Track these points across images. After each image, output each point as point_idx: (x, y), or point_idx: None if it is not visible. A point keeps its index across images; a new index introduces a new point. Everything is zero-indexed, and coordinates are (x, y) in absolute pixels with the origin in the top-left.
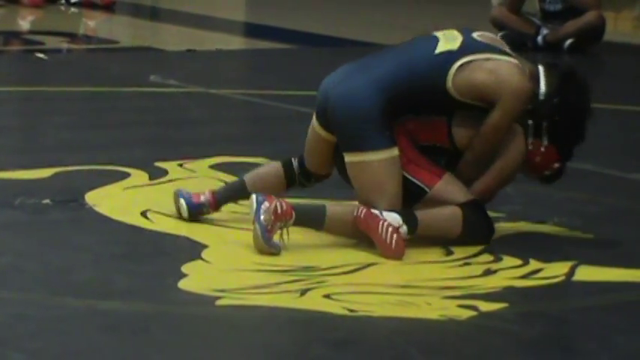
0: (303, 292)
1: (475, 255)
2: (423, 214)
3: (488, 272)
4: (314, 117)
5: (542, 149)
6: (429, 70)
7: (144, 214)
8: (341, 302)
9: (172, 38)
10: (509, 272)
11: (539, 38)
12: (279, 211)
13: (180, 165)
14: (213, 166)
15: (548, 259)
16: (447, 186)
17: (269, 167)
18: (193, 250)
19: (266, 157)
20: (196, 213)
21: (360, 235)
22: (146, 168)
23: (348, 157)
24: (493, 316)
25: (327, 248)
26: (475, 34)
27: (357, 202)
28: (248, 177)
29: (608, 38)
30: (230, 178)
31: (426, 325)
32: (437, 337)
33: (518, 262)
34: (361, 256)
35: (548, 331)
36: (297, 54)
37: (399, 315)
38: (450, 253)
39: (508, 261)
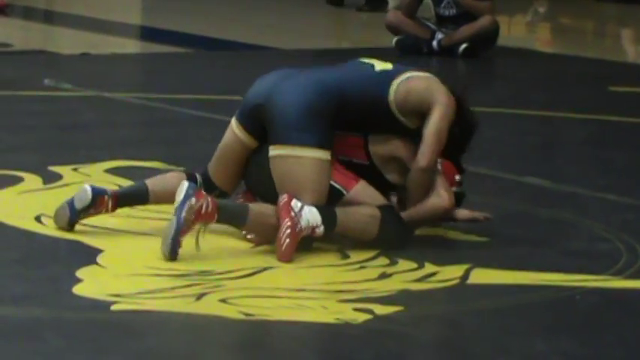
0: (199, 297)
1: (371, 259)
2: (342, 214)
3: (383, 275)
4: (233, 122)
5: (439, 167)
6: (372, 84)
7: (38, 218)
8: (237, 306)
9: (66, 41)
10: (405, 275)
11: (435, 43)
12: (202, 211)
13: (75, 169)
14: (108, 170)
15: (442, 262)
16: (365, 189)
17: (172, 174)
18: (88, 254)
19: (161, 161)
20: (97, 197)
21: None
22: (40, 172)
23: (277, 150)
24: (389, 319)
25: (222, 252)
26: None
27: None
28: (150, 181)
29: (502, 43)
30: (126, 182)
31: (322, 329)
32: (333, 341)
33: (414, 265)
34: (257, 260)
35: (443, 334)
36: (192, 58)
37: (295, 319)
38: (345, 256)
39: (403, 264)
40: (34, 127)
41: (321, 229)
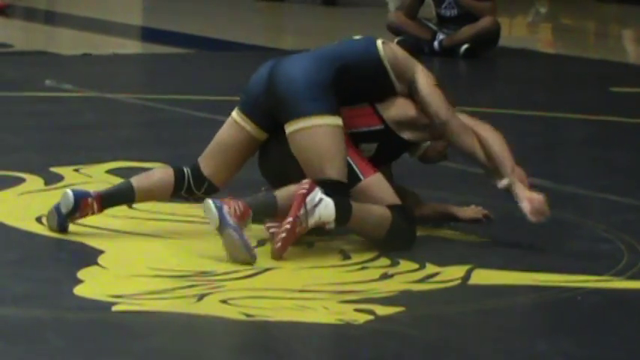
0: (200, 298)
1: (372, 259)
2: (357, 211)
3: (385, 276)
4: (235, 115)
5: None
6: (360, 47)
7: (39, 219)
8: (238, 307)
9: (68, 42)
10: (406, 276)
11: (436, 43)
12: (238, 212)
13: (77, 170)
14: (109, 171)
15: (444, 262)
16: (380, 182)
17: (158, 170)
18: (89, 255)
19: (163, 162)
20: (80, 200)
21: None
22: (41, 173)
23: (293, 126)
24: (390, 320)
25: (223, 253)
26: None
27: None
28: (136, 180)
29: (503, 43)
30: None
31: (323, 330)
32: (334, 342)
33: (415, 266)
34: (258, 261)
35: (444, 334)
36: (193, 58)
37: (296, 319)
38: (347, 257)
39: (405, 265)
40: (36, 128)
41: (331, 225)
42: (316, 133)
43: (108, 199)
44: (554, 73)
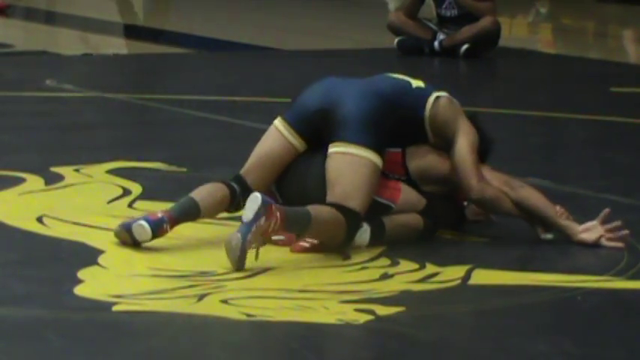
0: (201, 298)
1: (372, 259)
2: (390, 230)
3: (385, 276)
4: (281, 128)
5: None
6: (410, 99)
7: (39, 219)
8: (238, 307)
9: (68, 42)
10: (406, 276)
11: (436, 43)
12: (270, 230)
13: (77, 170)
14: (110, 171)
15: (444, 263)
16: (408, 196)
17: (214, 186)
18: (89, 255)
19: (163, 162)
20: (157, 230)
21: (335, 242)
22: (42, 173)
23: (341, 147)
24: (390, 320)
25: (224, 253)
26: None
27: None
28: (197, 195)
29: (504, 43)
30: (128, 184)
31: (323, 330)
32: (334, 342)
33: (415, 266)
34: (258, 261)
35: (444, 334)
36: (193, 58)
37: (297, 319)
38: (347, 257)
39: (405, 265)
40: (36, 128)
41: (363, 247)
42: (359, 161)
43: (178, 220)
44: (554, 73)
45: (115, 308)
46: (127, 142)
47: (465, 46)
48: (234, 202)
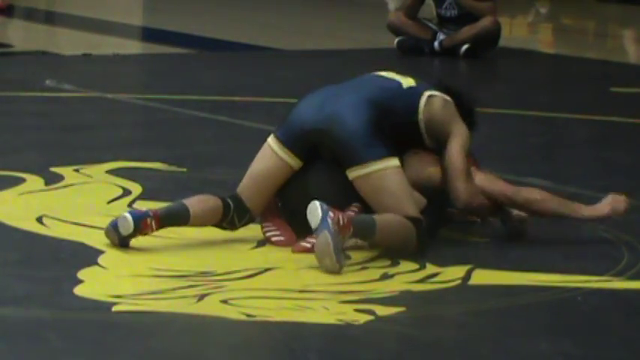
0: (201, 298)
1: (372, 259)
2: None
3: (385, 276)
4: (275, 147)
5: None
6: (403, 101)
7: (39, 219)
8: (238, 307)
9: (68, 42)
10: (406, 276)
11: (436, 43)
12: (341, 223)
13: (77, 170)
14: (110, 171)
15: (444, 263)
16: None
17: (209, 198)
18: (89, 255)
19: (163, 162)
20: (140, 223)
21: (404, 246)
22: (42, 173)
23: (359, 171)
24: (390, 320)
25: (224, 253)
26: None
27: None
28: (188, 201)
29: (504, 44)
30: (128, 184)
31: (323, 330)
32: (334, 342)
33: (415, 266)
34: (258, 261)
35: (444, 334)
36: (193, 58)
37: (297, 320)
38: (347, 257)
39: (405, 265)
40: (36, 128)
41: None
42: (385, 175)
43: (165, 219)
44: (554, 73)
45: (115, 308)
46: (127, 142)
47: (465, 46)
48: (227, 216)
